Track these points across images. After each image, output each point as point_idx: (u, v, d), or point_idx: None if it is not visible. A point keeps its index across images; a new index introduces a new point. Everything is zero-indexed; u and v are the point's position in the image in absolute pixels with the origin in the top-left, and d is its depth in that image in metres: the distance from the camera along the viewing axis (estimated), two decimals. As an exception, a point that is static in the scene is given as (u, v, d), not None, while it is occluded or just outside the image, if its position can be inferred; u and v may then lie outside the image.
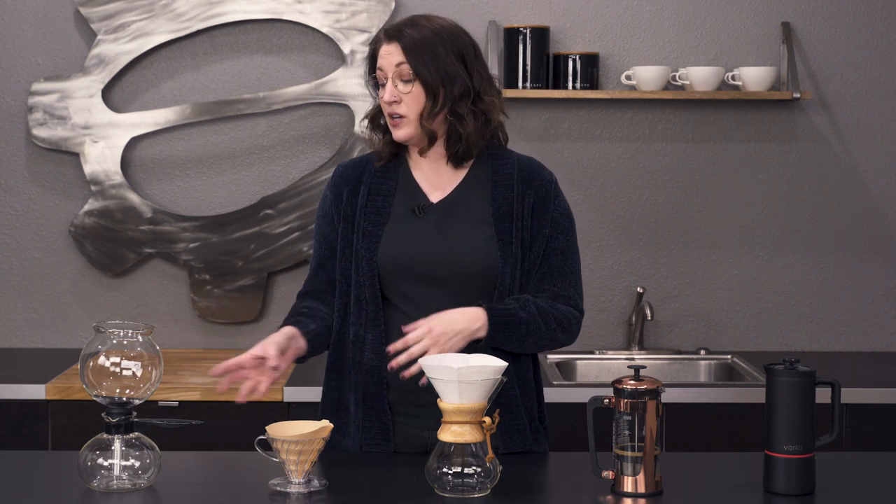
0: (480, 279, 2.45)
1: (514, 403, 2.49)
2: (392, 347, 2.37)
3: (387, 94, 2.46)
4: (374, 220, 2.50)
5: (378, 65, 2.48)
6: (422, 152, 2.51)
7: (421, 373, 2.25)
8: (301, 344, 2.46)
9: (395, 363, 2.35)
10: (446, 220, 2.48)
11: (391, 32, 2.48)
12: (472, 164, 2.53)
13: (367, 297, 2.47)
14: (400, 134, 2.48)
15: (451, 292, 2.44)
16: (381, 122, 2.55)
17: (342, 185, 2.56)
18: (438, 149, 2.52)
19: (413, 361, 2.32)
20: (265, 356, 2.35)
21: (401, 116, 2.46)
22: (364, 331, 2.48)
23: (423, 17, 2.52)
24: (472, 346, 2.40)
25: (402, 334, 2.45)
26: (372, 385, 2.47)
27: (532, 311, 2.44)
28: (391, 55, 2.45)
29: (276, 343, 2.39)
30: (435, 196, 2.52)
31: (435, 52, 2.44)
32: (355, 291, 2.50)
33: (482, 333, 2.40)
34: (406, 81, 2.45)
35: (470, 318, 2.39)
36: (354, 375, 2.50)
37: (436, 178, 2.53)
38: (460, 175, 2.53)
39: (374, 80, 2.51)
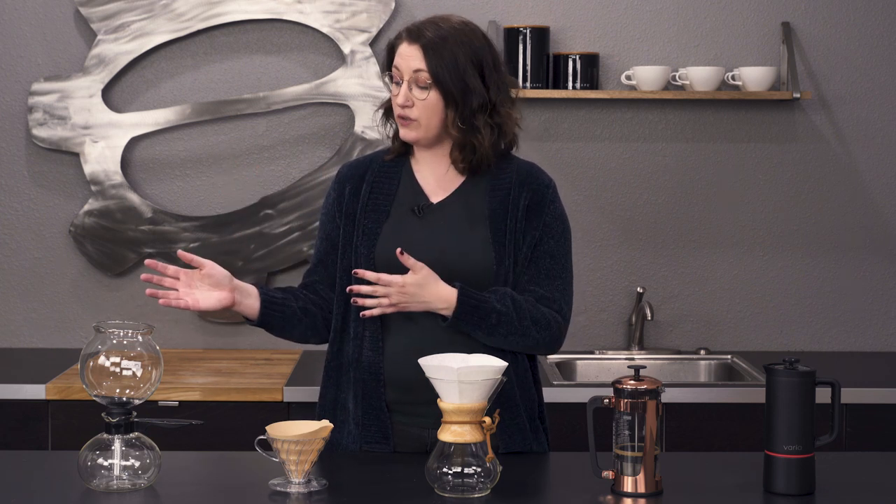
0: (476, 280, 2.44)
1: (513, 403, 2.49)
2: (361, 272, 2.39)
3: (400, 97, 2.45)
4: (374, 218, 2.51)
5: (395, 63, 2.47)
6: (427, 147, 2.52)
7: (364, 303, 2.39)
8: (252, 302, 2.45)
9: (355, 289, 2.39)
10: (445, 220, 2.49)
11: (414, 34, 2.45)
12: None
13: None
14: (409, 135, 2.49)
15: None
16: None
17: (345, 182, 2.57)
18: (443, 150, 2.52)
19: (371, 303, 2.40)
20: (199, 266, 2.38)
21: (411, 119, 2.46)
22: (362, 328, 2.48)
23: (447, 20, 2.47)
24: (437, 327, 2.43)
25: (399, 333, 2.47)
26: (370, 382, 2.48)
27: (507, 304, 2.42)
28: (410, 58, 2.44)
29: (225, 274, 2.40)
30: (436, 197, 2.52)
31: (456, 62, 2.43)
32: (355, 288, 2.51)
33: (445, 314, 2.40)
34: (423, 88, 2.44)
35: (440, 298, 2.40)
36: (353, 373, 2.50)
37: (438, 179, 2.54)
38: (461, 177, 2.53)
39: (390, 75, 2.49)
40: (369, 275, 2.38)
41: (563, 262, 2.53)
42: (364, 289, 2.39)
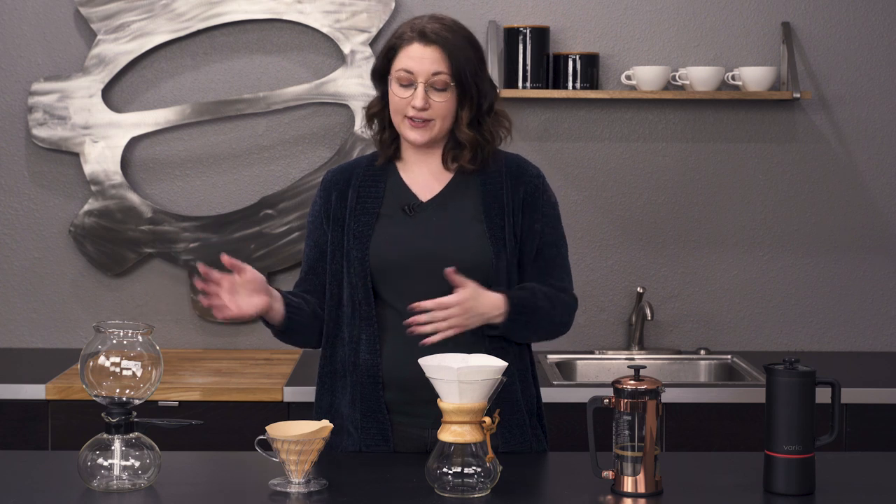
0: (474, 275, 2.43)
1: (514, 400, 2.49)
2: (416, 305, 2.35)
3: (418, 100, 2.42)
4: (364, 221, 2.49)
5: (406, 66, 2.43)
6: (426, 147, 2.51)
7: (428, 333, 2.34)
8: (279, 306, 2.44)
9: (414, 322, 2.34)
10: (437, 217, 2.49)
11: (428, 35, 2.43)
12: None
13: (360, 298, 2.47)
14: (422, 138, 2.46)
15: (445, 289, 2.42)
16: (385, 115, 2.53)
17: (331, 189, 2.56)
18: (435, 149, 2.52)
19: (429, 330, 2.36)
20: (240, 272, 2.36)
21: (425, 121, 2.45)
22: (358, 331, 2.48)
23: (445, 20, 2.47)
24: (485, 335, 2.44)
25: (395, 333, 2.46)
26: (368, 385, 2.47)
27: (542, 299, 2.47)
28: (427, 60, 2.42)
29: (262, 278, 2.39)
30: (424, 195, 2.52)
31: (471, 62, 2.45)
32: (348, 292, 2.50)
33: (499, 321, 2.42)
34: (440, 90, 2.43)
35: (493, 305, 2.40)
36: (350, 377, 2.50)
37: (426, 178, 2.53)
38: (449, 174, 2.53)
39: (387, 78, 2.47)
40: (426, 304, 2.35)
41: (562, 247, 2.58)
42: (422, 318, 2.36)
